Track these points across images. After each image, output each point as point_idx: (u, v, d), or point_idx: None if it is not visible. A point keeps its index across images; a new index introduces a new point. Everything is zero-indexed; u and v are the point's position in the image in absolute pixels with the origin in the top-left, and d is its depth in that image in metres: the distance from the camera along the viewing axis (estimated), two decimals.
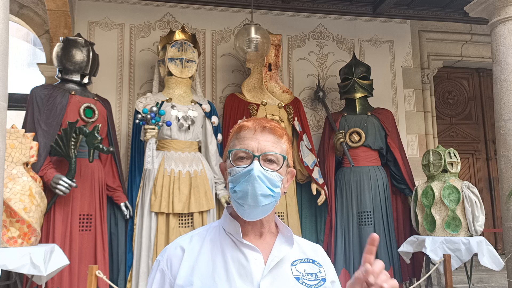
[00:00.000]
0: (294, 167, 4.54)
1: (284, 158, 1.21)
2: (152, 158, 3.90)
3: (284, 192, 1.24)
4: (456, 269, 4.01)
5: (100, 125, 3.69)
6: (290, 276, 1.17)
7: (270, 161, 1.19)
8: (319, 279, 1.20)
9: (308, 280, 1.18)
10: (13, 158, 3.09)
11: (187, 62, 4.30)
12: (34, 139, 3.32)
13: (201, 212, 4.03)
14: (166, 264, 1.19)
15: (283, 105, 4.63)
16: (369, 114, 4.82)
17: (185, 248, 1.20)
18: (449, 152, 4.25)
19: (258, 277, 1.14)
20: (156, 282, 1.18)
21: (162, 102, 4.07)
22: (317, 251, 1.28)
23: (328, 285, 1.21)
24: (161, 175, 3.98)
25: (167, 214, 3.93)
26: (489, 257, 3.89)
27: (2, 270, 3.39)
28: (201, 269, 1.16)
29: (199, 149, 4.35)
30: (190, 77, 4.36)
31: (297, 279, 1.17)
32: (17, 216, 3.02)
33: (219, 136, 4.40)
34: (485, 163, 6.41)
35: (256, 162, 1.16)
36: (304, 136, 4.60)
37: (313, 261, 1.24)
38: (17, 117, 5.62)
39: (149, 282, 1.20)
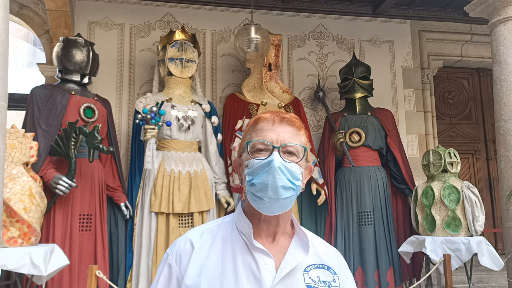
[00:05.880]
0: None
1: (305, 149, 1.16)
2: (152, 158, 3.90)
3: (302, 188, 1.18)
4: (456, 269, 4.01)
5: (100, 125, 3.69)
6: (301, 284, 1.11)
7: (290, 153, 1.13)
8: None
9: None
10: (13, 158, 3.09)
11: (187, 62, 4.31)
12: (34, 139, 3.32)
13: (201, 212, 4.03)
14: (175, 259, 1.15)
15: (283, 105, 4.63)
16: (369, 114, 4.82)
17: (194, 244, 1.16)
18: (449, 152, 4.25)
19: (269, 285, 1.09)
20: (164, 276, 1.15)
21: (162, 102, 4.07)
22: (332, 257, 1.21)
23: None
24: (161, 175, 3.98)
25: (167, 214, 3.93)
26: (489, 257, 3.89)
27: (2, 270, 3.40)
28: (210, 270, 1.11)
29: (199, 149, 4.35)
30: (190, 77, 4.36)
31: (309, 287, 1.12)
32: (17, 216, 3.02)
33: (219, 136, 4.40)
34: (485, 163, 6.41)
35: (276, 153, 1.11)
36: None
37: (328, 268, 1.17)
38: (17, 117, 5.61)
39: (157, 274, 1.18)
